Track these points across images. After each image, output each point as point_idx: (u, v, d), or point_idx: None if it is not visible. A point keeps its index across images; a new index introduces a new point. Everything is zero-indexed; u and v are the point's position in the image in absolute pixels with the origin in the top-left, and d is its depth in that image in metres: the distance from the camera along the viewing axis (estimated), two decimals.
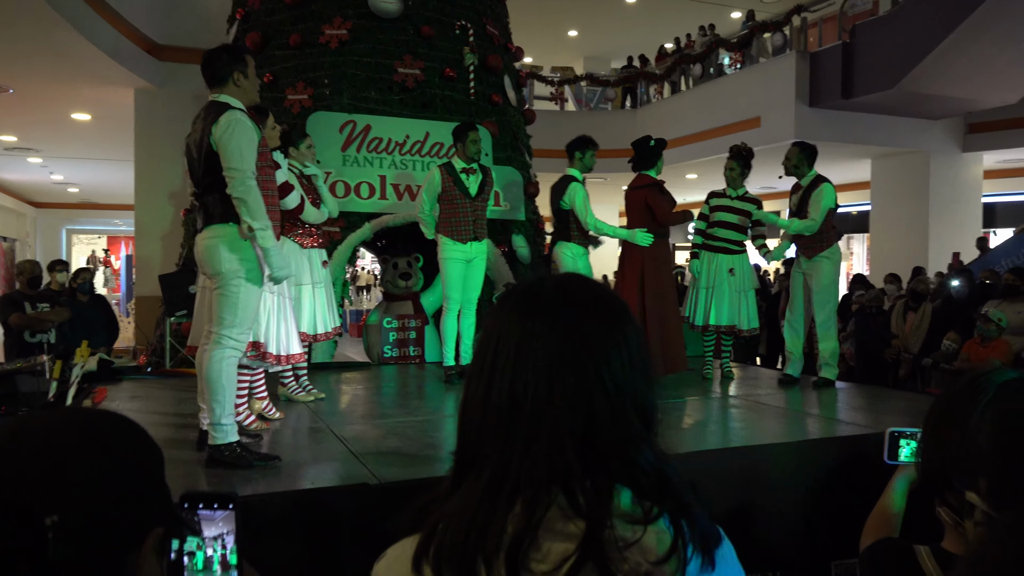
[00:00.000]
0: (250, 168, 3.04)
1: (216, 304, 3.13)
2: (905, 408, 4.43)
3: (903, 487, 1.82)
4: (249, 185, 3.02)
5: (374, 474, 2.91)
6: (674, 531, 0.82)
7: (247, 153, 3.03)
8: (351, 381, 5.47)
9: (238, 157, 3.01)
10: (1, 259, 18.37)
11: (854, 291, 8.80)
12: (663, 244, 5.36)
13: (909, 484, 1.82)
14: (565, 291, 0.91)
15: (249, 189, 3.02)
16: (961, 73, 9.93)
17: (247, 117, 3.11)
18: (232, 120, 3.05)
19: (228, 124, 3.04)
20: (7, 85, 8.92)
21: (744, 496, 3.18)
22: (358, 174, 6.36)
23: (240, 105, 3.17)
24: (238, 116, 3.07)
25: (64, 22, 6.82)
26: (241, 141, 3.03)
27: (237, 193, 3.01)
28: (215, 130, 3.04)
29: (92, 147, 12.73)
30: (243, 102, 3.21)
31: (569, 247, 5.30)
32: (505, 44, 7.58)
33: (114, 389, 4.86)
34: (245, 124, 3.07)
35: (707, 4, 14.99)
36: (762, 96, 11.82)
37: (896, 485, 1.83)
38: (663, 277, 5.33)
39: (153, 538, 0.81)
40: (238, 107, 3.14)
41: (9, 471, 0.76)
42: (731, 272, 5.39)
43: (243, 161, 3.02)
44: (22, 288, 6.64)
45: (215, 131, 3.04)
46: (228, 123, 3.04)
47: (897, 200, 12.72)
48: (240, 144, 3.02)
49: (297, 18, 6.66)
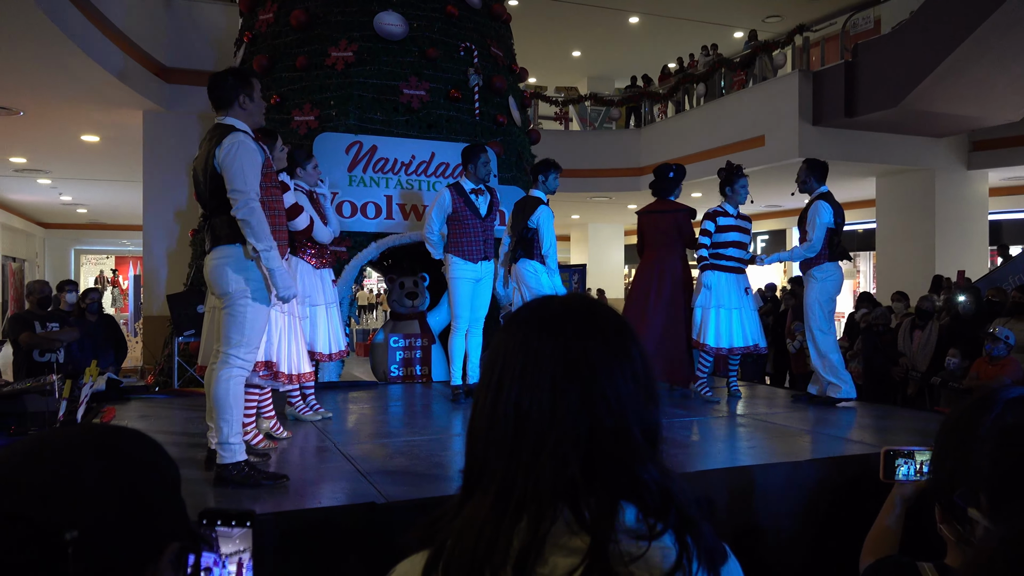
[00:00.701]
0: (253, 189, 3.07)
1: (224, 324, 3.16)
2: (913, 427, 4.42)
3: (900, 505, 1.82)
4: (252, 207, 3.05)
5: (381, 493, 2.91)
6: (679, 547, 0.83)
7: (250, 175, 3.06)
8: (358, 400, 5.48)
9: (241, 179, 3.05)
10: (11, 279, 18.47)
11: (860, 309, 8.78)
12: (687, 268, 5.56)
13: (905, 503, 1.83)
14: (570, 310, 0.94)
15: (252, 211, 3.05)
16: (965, 91, 9.96)
17: (250, 139, 3.14)
18: (235, 143, 3.08)
19: (231, 147, 3.08)
20: (17, 107, 9.02)
21: (750, 516, 3.18)
22: (364, 194, 6.41)
23: (245, 127, 3.21)
24: (241, 138, 3.11)
25: (74, 46, 6.91)
26: (244, 163, 3.06)
27: (240, 215, 3.05)
28: (218, 152, 3.08)
29: (101, 168, 12.84)
30: (248, 124, 3.25)
31: (532, 264, 5.33)
32: (509, 65, 7.65)
33: (122, 408, 4.87)
34: (248, 146, 3.10)
35: (710, 24, 15.10)
36: (766, 115, 11.88)
37: (893, 504, 1.84)
38: (677, 298, 5.47)
39: (169, 552, 0.82)
40: (243, 129, 3.18)
41: (28, 487, 0.76)
42: (747, 292, 5.42)
43: (246, 183, 3.05)
44: (32, 308, 6.68)
45: (218, 154, 3.08)
46: (231, 145, 3.08)
47: (903, 218, 12.72)
48: (243, 166, 3.06)
49: (303, 40, 6.74)
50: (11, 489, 0.76)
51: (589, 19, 15.02)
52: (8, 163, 12.54)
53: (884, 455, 1.90)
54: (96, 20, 7.41)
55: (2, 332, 7.10)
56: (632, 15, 15.24)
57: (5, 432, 4.35)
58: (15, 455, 0.80)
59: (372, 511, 2.73)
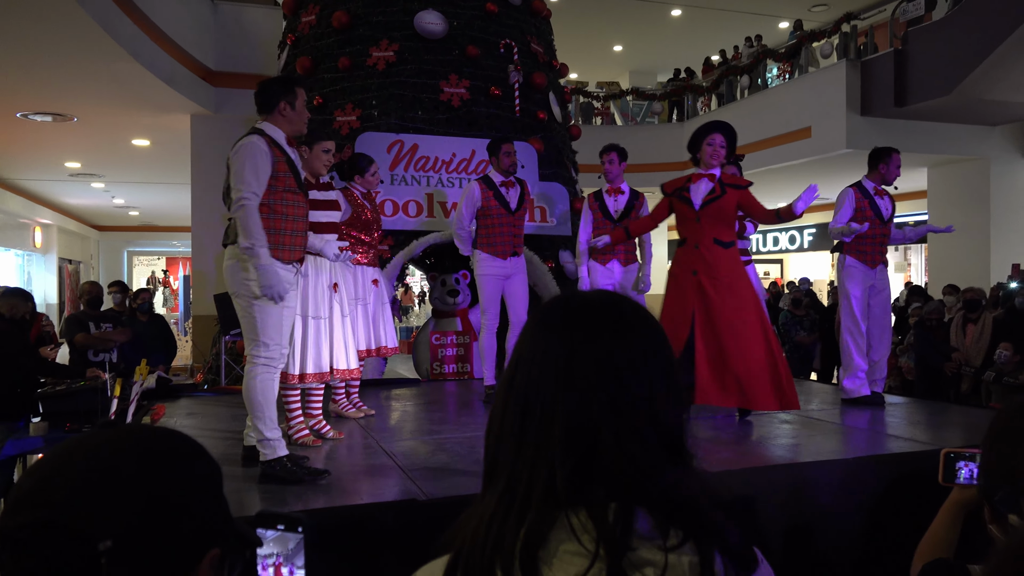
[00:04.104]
0: (249, 189, 3.08)
1: (242, 325, 3.23)
2: (966, 423, 4.29)
3: (957, 511, 1.74)
4: (243, 204, 3.07)
5: (422, 490, 2.93)
6: (700, 557, 0.80)
7: (249, 175, 3.08)
8: (400, 397, 5.52)
9: (239, 178, 3.09)
10: (68, 281, 19.03)
11: (911, 303, 8.55)
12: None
13: (964, 508, 1.74)
14: (587, 308, 0.91)
15: (240, 208, 3.07)
16: (1021, 77, 9.64)
17: (262, 140, 3.15)
18: (242, 144, 3.14)
19: (237, 147, 3.14)
20: (72, 114, 9.28)
21: (800, 515, 3.11)
22: (406, 192, 6.44)
23: (276, 132, 3.24)
24: (249, 140, 3.14)
25: (124, 53, 7.08)
26: (245, 163, 3.09)
27: (231, 213, 3.12)
28: (230, 153, 3.15)
29: (151, 172, 13.15)
30: (287, 132, 3.30)
31: None
32: (550, 61, 7.62)
33: (172, 406, 4.98)
34: (255, 147, 3.12)
35: (754, 15, 14.85)
36: (812, 106, 11.64)
37: (950, 508, 1.76)
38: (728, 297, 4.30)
39: (211, 558, 0.80)
40: (269, 134, 3.21)
41: (61, 493, 0.74)
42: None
43: (241, 182, 3.08)
44: (85, 308, 6.87)
45: (230, 154, 3.15)
46: (238, 147, 3.14)
47: (955, 209, 12.35)
48: (242, 166, 3.09)
49: (345, 41, 6.80)
50: (44, 495, 0.74)
51: (630, 13, 14.88)
52: (63, 168, 12.91)
53: (944, 457, 1.82)
54: (145, 26, 7.59)
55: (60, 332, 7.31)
56: (674, 8, 15.06)
57: (60, 428, 4.49)
58: (50, 460, 0.79)
59: (413, 508, 2.74)
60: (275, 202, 3.20)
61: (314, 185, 4.08)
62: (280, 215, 3.22)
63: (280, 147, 3.23)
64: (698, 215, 4.40)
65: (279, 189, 3.20)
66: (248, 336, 3.20)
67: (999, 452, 1.29)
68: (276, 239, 3.19)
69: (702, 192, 4.42)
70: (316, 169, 4.13)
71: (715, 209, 4.38)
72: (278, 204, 3.21)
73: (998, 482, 1.27)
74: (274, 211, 3.19)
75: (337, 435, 4.03)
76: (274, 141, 3.21)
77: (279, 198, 3.21)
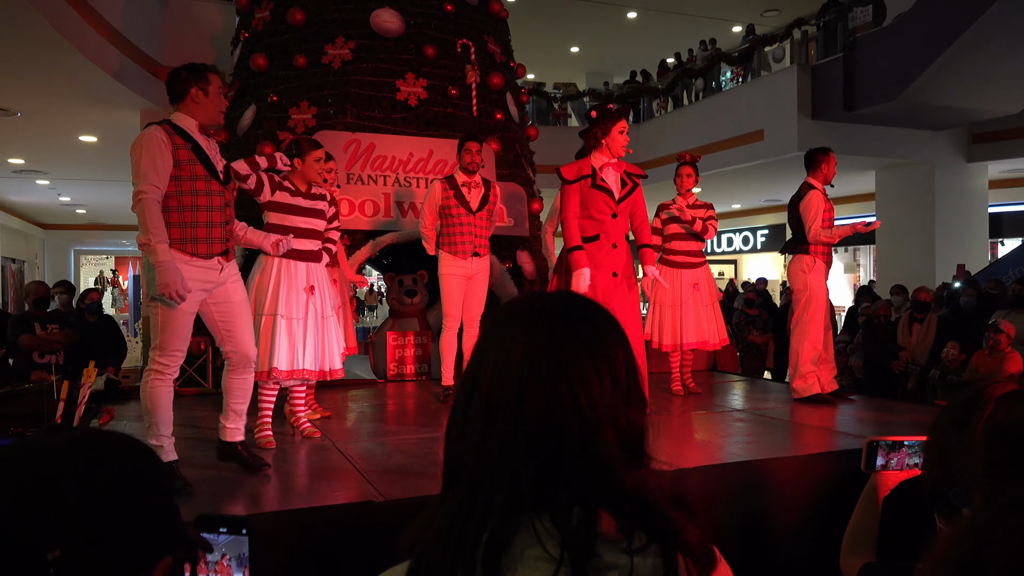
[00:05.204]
0: (147, 182, 2.96)
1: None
2: (913, 420, 4.40)
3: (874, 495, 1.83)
4: (139, 198, 2.97)
5: (380, 491, 2.91)
6: (664, 559, 0.80)
7: (147, 167, 2.97)
8: (357, 399, 5.47)
9: (135, 171, 2.99)
10: (11, 280, 18.46)
11: (860, 303, 8.77)
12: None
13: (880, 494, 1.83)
14: (550, 307, 0.90)
15: (137, 203, 2.97)
16: (964, 83, 9.93)
17: (159, 130, 3.03)
18: (140, 138, 3.02)
19: (136, 141, 3.01)
20: (15, 109, 9.00)
21: (752, 512, 3.16)
22: (362, 192, 6.39)
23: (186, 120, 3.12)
24: (146, 131, 3.03)
25: (69, 46, 6.89)
26: (142, 156, 2.98)
27: (132, 209, 3.00)
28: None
29: (99, 168, 12.82)
30: (201, 120, 3.17)
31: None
32: (507, 62, 7.63)
33: (122, 409, 4.86)
34: (150, 138, 3.00)
35: (708, 19, 15.07)
36: (765, 109, 11.85)
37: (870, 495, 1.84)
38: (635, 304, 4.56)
39: (164, 566, 0.78)
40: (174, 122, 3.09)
41: (5, 502, 0.71)
42: (696, 288, 5.31)
43: (137, 176, 2.98)
44: (30, 309, 6.67)
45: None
46: (137, 140, 3.02)
47: (902, 211, 12.69)
48: (139, 159, 2.98)
49: (300, 38, 6.71)
50: None
51: (587, 14, 14.98)
52: (6, 164, 12.52)
53: (867, 446, 1.91)
54: (92, 19, 7.39)
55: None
56: (630, 10, 15.20)
57: (4, 432, 4.35)
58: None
59: (370, 510, 2.72)
60: (183, 192, 3.06)
61: (302, 193, 4.02)
62: (189, 207, 3.08)
63: (186, 136, 3.09)
64: (616, 210, 4.23)
65: (185, 178, 3.06)
66: (152, 339, 3.11)
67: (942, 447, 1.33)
68: (188, 232, 3.07)
69: (616, 183, 4.23)
70: (310, 178, 4.07)
71: (629, 203, 4.24)
72: (187, 195, 3.07)
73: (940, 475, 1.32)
74: (182, 203, 3.06)
75: (313, 433, 4.03)
76: (180, 130, 3.08)
77: (187, 188, 3.07)
